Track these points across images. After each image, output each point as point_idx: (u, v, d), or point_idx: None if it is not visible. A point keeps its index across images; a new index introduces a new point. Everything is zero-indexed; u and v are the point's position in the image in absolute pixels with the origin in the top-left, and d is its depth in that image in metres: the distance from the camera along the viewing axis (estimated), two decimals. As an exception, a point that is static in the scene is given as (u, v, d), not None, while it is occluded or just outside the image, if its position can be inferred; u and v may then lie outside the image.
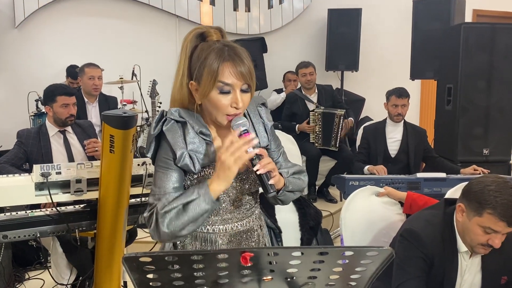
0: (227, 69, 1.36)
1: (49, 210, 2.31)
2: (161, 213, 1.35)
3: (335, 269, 1.08)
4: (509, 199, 1.73)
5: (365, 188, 2.59)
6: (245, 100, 1.40)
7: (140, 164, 2.37)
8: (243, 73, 1.37)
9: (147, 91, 4.71)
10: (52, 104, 3.14)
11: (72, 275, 2.94)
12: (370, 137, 3.98)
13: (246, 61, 1.39)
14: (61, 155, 3.21)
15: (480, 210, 1.78)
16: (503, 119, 4.11)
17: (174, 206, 1.35)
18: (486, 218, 1.77)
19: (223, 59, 1.37)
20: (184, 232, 1.36)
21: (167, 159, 1.41)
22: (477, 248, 1.85)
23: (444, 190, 3.09)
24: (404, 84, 4.31)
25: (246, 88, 1.40)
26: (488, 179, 1.82)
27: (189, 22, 5.78)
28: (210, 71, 1.37)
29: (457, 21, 4.72)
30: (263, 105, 1.60)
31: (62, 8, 5.37)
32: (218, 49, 1.39)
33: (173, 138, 1.41)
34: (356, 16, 5.87)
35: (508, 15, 6.58)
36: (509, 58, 4.08)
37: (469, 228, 1.84)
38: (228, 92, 1.38)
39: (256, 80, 1.47)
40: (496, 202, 1.73)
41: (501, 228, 1.75)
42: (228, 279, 1.05)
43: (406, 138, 3.92)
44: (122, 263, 0.97)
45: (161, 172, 1.42)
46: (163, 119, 1.43)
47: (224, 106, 1.39)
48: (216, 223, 1.51)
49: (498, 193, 1.74)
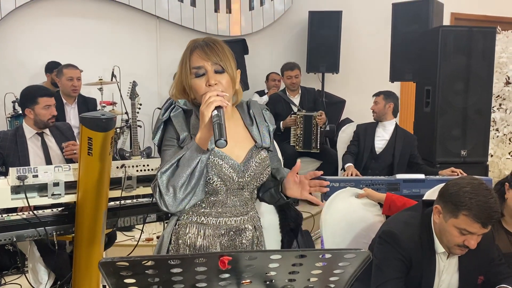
0: (196, 54, 1.51)
1: (26, 213, 2.27)
2: (159, 174, 1.43)
3: (313, 271, 1.08)
4: (484, 201, 1.75)
5: (345, 189, 2.61)
6: (220, 79, 1.50)
7: (119, 166, 2.34)
8: (208, 54, 1.49)
9: (127, 92, 4.67)
10: (34, 106, 3.09)
11: (50, 279, 2.90)
12: (361, 133, 4.18)
13: (218, 46, 1.51)
14: (39, 158, 3.16)
15: (455, 212, 1.80)
16: (480, 120, 4.19)
17: (169, 165, 1.43)
18: (461, 219, 1.79)
19: (194, 48, 1.52)
20: (183, 191, 1.41)
21: (172, 139, 1.53)
22: (454, 249, 1.87)
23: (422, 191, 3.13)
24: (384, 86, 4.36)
25: (219, 69, 1.50)
26: (464, 181, 1.84)
27: (170, 23, 5.74)
28: (184, 62, 1.52)
29: (436, 24, 4.78)
30: (267, 110, 1.71)
31: (39, 8, 5.29)
32: (192, 43, 1.54)
33: (179, 122, 1.54)
34: (337, 19, 5.90)
35: (485, 18, 6.70)
36: (486, 61, 4.16)
37: (445, 229, 1.86)
38: (203, 75, 1.50)
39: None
40: (471, 203, 1.76)
41: (476, 229, 1.77)
42: (206, 283, 1.05)
43: (394, 140, 4.08)
44: (99, 267, 0.96)
45: (168, 149, 1.52)
46: (172, 106, 1.56)
47: (201, 87, 1.50)
48: (210, 214, 1.55)
49: (473, 194, 1.76)
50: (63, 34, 5.34)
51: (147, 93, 4.91)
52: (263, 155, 1.59)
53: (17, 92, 4.40)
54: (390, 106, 4.12)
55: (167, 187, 1.42)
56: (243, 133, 1.61)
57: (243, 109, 1.66)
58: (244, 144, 1.59)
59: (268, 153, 1.63)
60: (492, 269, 2.03)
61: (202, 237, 1.55)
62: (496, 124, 5.58)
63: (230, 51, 1.55)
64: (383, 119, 4.13)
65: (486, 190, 1.79)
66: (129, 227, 3.52)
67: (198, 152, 1.42)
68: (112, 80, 4.99)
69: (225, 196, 1.55)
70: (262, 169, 1.58)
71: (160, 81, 5.64)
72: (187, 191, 1.42)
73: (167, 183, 1.42)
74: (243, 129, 1.62)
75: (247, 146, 1.59)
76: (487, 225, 1.77)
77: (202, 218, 1.56)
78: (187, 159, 1.42)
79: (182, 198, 1.42)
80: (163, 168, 1.43)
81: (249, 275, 1.05)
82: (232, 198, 1.56)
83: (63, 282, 2.71)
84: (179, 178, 1.41)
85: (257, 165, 1.56)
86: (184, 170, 1.41)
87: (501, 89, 5.58)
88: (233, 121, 1.59)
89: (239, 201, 1.58)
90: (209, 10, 5.93)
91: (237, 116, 1.63)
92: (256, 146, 1.59)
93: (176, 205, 1.43)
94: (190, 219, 1.56)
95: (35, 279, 2.89)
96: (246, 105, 1.67)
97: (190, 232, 1.56)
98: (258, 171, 1.57)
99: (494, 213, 1.76)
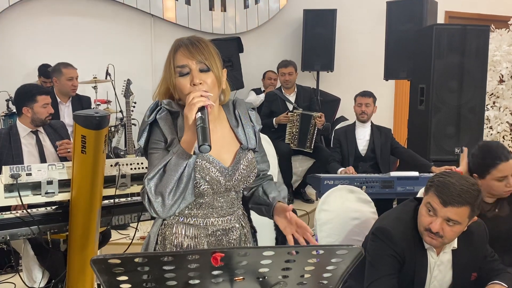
0: (180, 53, 1.47)
1: (19, 212, 2.26)
2: (146, 181, 1.39)
3: (306, 268, 1.09)
4: (451, 182, 1.80)
5: (339, 187, 2.61)
6: (204, 79, 1.46)
7: (113, 164, 2.34)
8: (193, 52, 1.45)
9: (121, 90, 4.65)
10: (33, 105, 3.09)
11: (44, 278, 2.89)
12: (341, 138, 4.22)
13: (202, 45, 1.48)
14: (33, 156, 3.15)
15: (428, 190, 1.87)
16: (474, 118, 4.20)
17: (156, 171, 1.39)
18: (429, 195, 1.85)
19: (179, 47, 1.49)
20: (172, 197, 1.38)
21: (159, 141, 1.48)
22: (424, 236, 1.90)
23: (416, 188, 3.15)
24: (378, 84, 4.38)
25: (204, 68, 1.47)
26: (454, 173, 1.88)
27: (164, 21, 5.73)
28: (169, 62, 1.49)
29: (430, 22, 4.79)
30: (253, 109, 1.67)
31: (33, 6, 5.27)
32: (176, 42, 1.51)
33: (165, 125, 1.48)
34: (331, 17, 5.91)
35: (479, 17, 6.72)
36: (480, 59, 4.18)
37: (420, 212, 1.91)
38: (187, 74, 1.46)
39: (232, 80, 1.50)
40: (439, 181, 1.83)
41: (437, 205, 1.81)
42: (199, 280, 1.05)
43: (373, 138, 4.17)
44: (91, 265, 0.96)
45: (155, 153, 1.47)
46: (157, 108, 1.51)
47: (186, 87, 1.46)
48: (197, 215, 1.53)
49: (449, 178, 1.83)
50: (57, 32, 5.32)
51: (141, 92, 4.89)
52: (249, 157, 1.57)
53: (11, 90, 4.39)
54: (375, 108, 4.25)
55: (155, 193, 1.38)
56: (229, 135, 1.58)
57: (229, 109, 1.62)
58: (230, 147, 1.56)
59: (255, 154, 1.62)
60: (485, 265, 2.04)
61: (189, 237, 1.53)
62: (490, 122, 5.61)
63: (215, 50, 1.51)
64: (368, 120, 4.22)
65: (466, 180, 1.82)
66: (124, 225, 3.49)
67: (184, 157, 1.38)
68: (106, 79, 4.97)
69: (212, 198, 1.53)
70: (250, 171, 1.56)
71: (154, 80, 5.62)
72: (176, 197, 1.38)
73: (155, 190, 1.38)
74: (229, 130, 1.59)
75: (233, 148, 1.56)
76: (447, 203, 1.79)
77: (188, 219, 1.54)
78: (173, 164, 1.38)
79: (171, 204, 1.38)
80: (150, 175, 1.39)
81: (241, 271, 1.05)
82: (219, 199, 1.54)
83: (57, 281, 2.70)
84: (167, 184, 1.37)
85: (244, 168, 1.55)
86: (171, 176, 1.37)
87: (494, 87, 5.61)
88: (219, 122, 1.57)
89: (225, 202, 1.56)
90: (204, 8, 5.93)
91: (223, 117, 1.60)
92: (242, 148, 1.57)
93: (166, 211, 1.40)
94: (176, 219, 1.54)
95: (29, 277, 2.88)
96: (232, 105, 1.63)
97: (177, 233, 1.54)
98: (246, 174, 1.55)
99: (456, 196, 1.77)
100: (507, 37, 5.80)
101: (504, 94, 5.62)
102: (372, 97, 4.20)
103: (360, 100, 4.19)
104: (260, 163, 1.66)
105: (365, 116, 4.16)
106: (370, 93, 4.22)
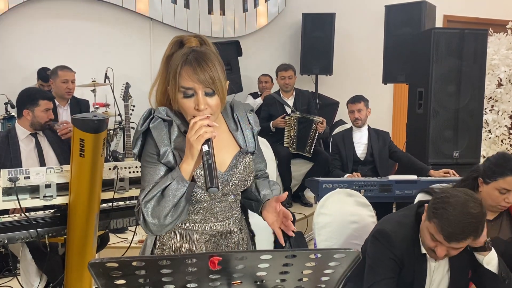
0: (186, 74, 1.39)
1: (17, 215, 2.26)
2: (143, 203, 1.38)
3: (304, 271, 1.09)
4: (456, 217, 1.74)
5: (338, 191, 2.61)
6: (210, 103, 1.41)
7: (112, 168, 2.34)
8: (201, 79, 1.38)
9: (120, 94, 4.66)
10: (34, 108, 3.09)
11: (42, 282, 2.88)
12: (339, 144, 4.21)
13: (210, 66, 1.40)
14: (31, 159, 3.14)
15: (431, 216, 1.82)
16: (472, 122, 4.21)
17: (153, 194, 1.38)
18: (431, 225, 1.81)
19: (184, 63, 1.40)
20: (169, 219, 1.37)
21: (153, 155, 1.45)
22: (429, 252, 1.89)
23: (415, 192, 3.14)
24: (377, 88, 4.38)
25: (210, 92, 1.41)
26: (457, 192, 1.83)
27: (163, 24, 5.74)
28: (173, 76, 1.42)
29: (428, 26, 4.80)
30: (252, 111, 1.65)
31: (32, 9, 5.26)
32: (183, 53, 1.43)
33: (159, 135, 1.44)
34: (330, 21, 5.92)
35: (477, 21, 6.74)
36: (478, 63, 4.19)
37: (423, 229, 1.88)
38: (192, 96, 1.41)
39: (231, 84, 1.49)
40: (442, 214, 1.76)
41: (441, 239, 1.78)
42: (197, 284, 1.04)
43: (371, 142, 4.15)
44: (88, 268, 0.95)
45: (148, 167, 1.45)
46: (150, 117, 1.47)
47: (190, 109, 1.41)
48: (196, 221, 1.52)
49: (452, 208, 1.75)
50: (56, 36, 5.32)
51: (140, 95, 4.88)
52: (247, 161, 1.56)
53: (10, 93, 4.39)
54: (369, 111, 4.21)
55: (152, 216, 1.37)
56: (227, 139, 1.56)
57: (227, 113, 1.60)
58: (228, 150, 1.54)
59: (253, 155, 1.61)
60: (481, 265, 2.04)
61: (188, 242, 1.52)
62: (488, 125, 5.62)
63: (221, 64, 1.45)
64: (363, 125, 4.19)
65: (469, 211, 1.74)
66: (122, 229, 3.50)
67: (183, 183, 1.36)
68: (105, 82, 4.97)
69: (210, 204, 1.52)
70: (247, 175, 1.55)
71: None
72: (173, 219, 1.38)
73: (152, 212, 1.37)
74: (228, 134, 1.57)
75: (232, 152, 1.55)
76: (450, 240, 1.76)
77: (187, 224, 1.53)
78: (172, 190, 1.36)
79: (167, 225, 1.38)
80: (147, 197, 1.38)
81: (239, 275, 1.05)
82: (217, 204, 1.53)
83: (55, 285, 2.69)
84: (164, 209, 1.36)
85: (241, 172, 1.53)
86: (169, 201, 1.36)
87: (493, 91, 5.62)
88: (217, 126, 1.51)
89: (224, 206, 1.55)
90: (202, 11, 5.94)
91: (221, 121, 1.56)
92: (241, 152, 1.55)
93: (161, 230, 1.40)
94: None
95: (27, 281, 2.87)
96: (230, 108, 1.61)
97: (175, 238, 1.53)
98: (243, 178, 1.54)
99: (460, 234, 1.74)
100: (505, 41, 5.82)
101: (503, 98, 5.63)
102: (363, 101, 4.14)
103: (352, 107, 4.15)
104: (257, 163, 1.66)
105: (359, 122, 4.13)
106: (360, 98, 4.17)
